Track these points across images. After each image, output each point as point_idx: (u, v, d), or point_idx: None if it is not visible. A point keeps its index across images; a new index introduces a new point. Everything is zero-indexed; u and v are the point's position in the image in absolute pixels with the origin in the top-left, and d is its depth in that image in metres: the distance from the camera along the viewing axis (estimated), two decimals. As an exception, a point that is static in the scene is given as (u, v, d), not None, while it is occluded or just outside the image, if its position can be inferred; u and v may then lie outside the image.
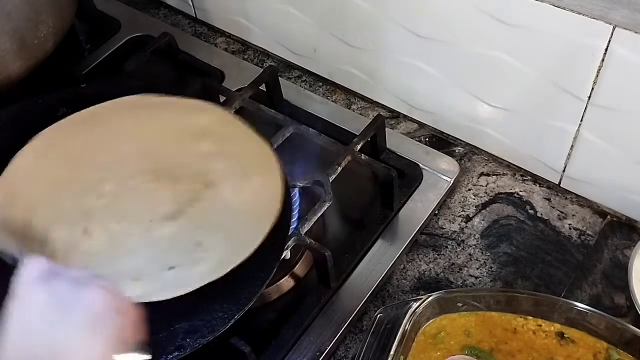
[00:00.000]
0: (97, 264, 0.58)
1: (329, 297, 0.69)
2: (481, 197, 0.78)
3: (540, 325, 0.60)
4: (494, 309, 0.60)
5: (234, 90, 0.83)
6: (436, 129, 0.84)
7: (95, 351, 0.46)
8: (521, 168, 0.80)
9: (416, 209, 0.76)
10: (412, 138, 0.83)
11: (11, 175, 0.65)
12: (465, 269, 0.72)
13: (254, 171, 0.64)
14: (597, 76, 0.65)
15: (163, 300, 0.56)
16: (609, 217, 0.75)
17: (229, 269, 0.57)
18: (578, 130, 0.71)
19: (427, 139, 0.84)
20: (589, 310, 0.58)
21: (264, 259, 0.61)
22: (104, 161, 0.65)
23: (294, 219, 0.68)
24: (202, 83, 0.84)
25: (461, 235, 0.75)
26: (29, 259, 0.51)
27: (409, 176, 0.78)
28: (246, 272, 0.61)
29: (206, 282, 0.56)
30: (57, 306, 0.47)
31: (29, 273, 0.49)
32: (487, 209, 0.77)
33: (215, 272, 0.57)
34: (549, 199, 0.77)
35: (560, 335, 0.59)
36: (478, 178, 0.80)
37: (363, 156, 0.74)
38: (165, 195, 0.62)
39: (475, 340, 0.59)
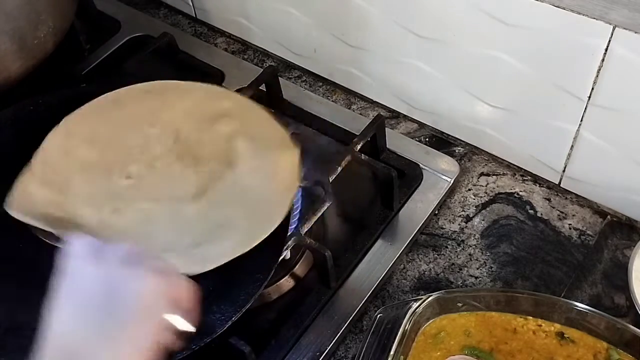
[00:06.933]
0: (129, 241, 0.59)
1: (329, 297, 0.69)
2: (481, 197, 0.78)
3: (540, 325, 0.60)
4: (494, 309, 0.60)
5: (234, 90, 0.83)
6: (436, 129, 0.84)
7: (142, 340, 0.45)
8: (521, 168, 0.80)
9: (416, 209, 0.76)
10: (412, 138, 0.83)
11: (42, 157, 0.66)
12: (465, 269, 0.72)
13: (273, 152, 0.66)
14: (597, 76, 0.65)
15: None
16: (609, 217, 0.75)
17: (255, 244, 0.58)
18: (578, 130, 0.71)
19: (427, 139, 0.84)
20: (589, 310, 0.58)
21: (263, 260, 0.61)
22: (130, 144, 0.67)
23: (294, 219, 0.68)
24: (202, 83, 0.84)
25: (461, 235, 0.75)
26: (75, 236, 0.49)
27: (409, 176, 0.78)
28: (245, 272, 0.61)
29: (233, 256, 0.58)
30: (106, 290, 0.46)
31: (77, 250, 0.48)
32: (487, 209, 0.77)
33: (242, 247, 0.58)
34: (549, 199, 0.77)
35: (560, 335, 0.59)
36: (478, 178, 0.80)
37: (363, 156, 0.74)
38: (189, 175, 0.64)
39: (475, 340, 0.59)
